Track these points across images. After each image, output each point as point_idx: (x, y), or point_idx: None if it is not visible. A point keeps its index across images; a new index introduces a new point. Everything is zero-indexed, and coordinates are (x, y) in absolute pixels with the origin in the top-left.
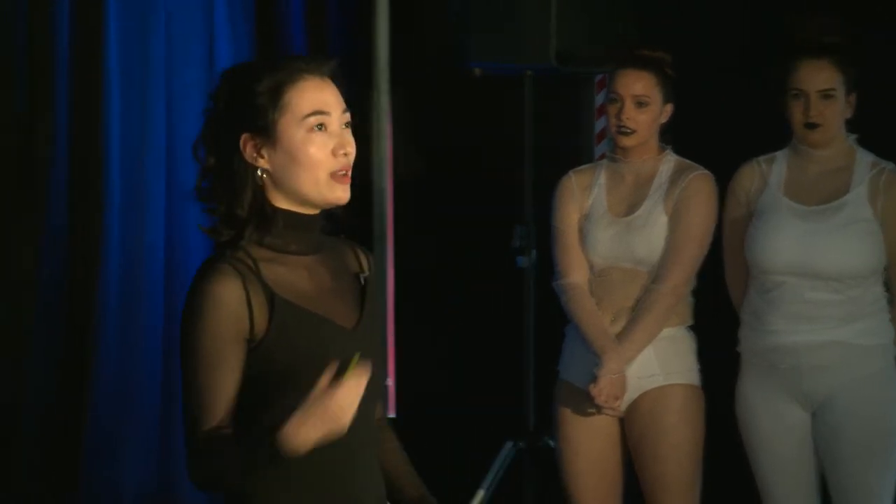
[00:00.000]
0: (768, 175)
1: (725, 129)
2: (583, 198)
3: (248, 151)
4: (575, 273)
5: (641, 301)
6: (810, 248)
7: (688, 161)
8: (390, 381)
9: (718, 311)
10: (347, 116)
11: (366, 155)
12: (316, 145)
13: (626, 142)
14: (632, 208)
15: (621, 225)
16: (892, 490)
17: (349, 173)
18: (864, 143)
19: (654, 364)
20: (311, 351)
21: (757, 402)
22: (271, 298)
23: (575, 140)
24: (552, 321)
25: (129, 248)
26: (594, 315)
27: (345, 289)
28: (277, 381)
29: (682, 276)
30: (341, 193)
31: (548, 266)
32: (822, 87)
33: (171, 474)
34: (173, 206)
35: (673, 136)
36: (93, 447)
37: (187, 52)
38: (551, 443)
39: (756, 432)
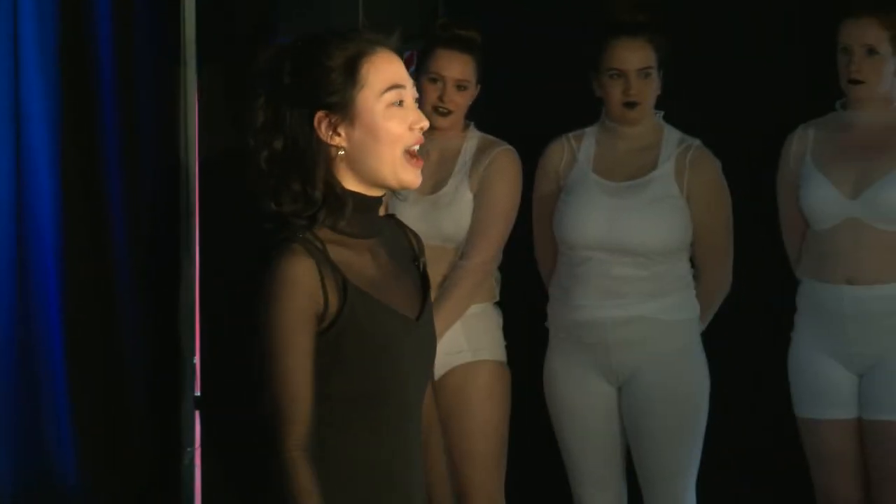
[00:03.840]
0: (577, 151)
1: (533, 106)
2: None
3: (324, 129)
4: None
5: (449, 278)
6: (617, 224)
7: (491, 137)
8: (197, 359)
9: (527, 287)
10: (416, 90)
11: (173, 130)
12: (396, 120)
13: (443, 122)
14: (437, 186)
15: (427, 202)
16: (696, 463)
17: (420, 157)
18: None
19: (462, 340)
20: (379, 341)
21: (564, 376)
22: (343, 283)
23: None
24: None
25: None
26: None
27: (405, 275)
28: (343, 371)
29: (488, 253)
30: (414, 177)
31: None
32: (640, 65)
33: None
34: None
35: (481, 112)
36: None
37: None
38: None
39: (563, 407)
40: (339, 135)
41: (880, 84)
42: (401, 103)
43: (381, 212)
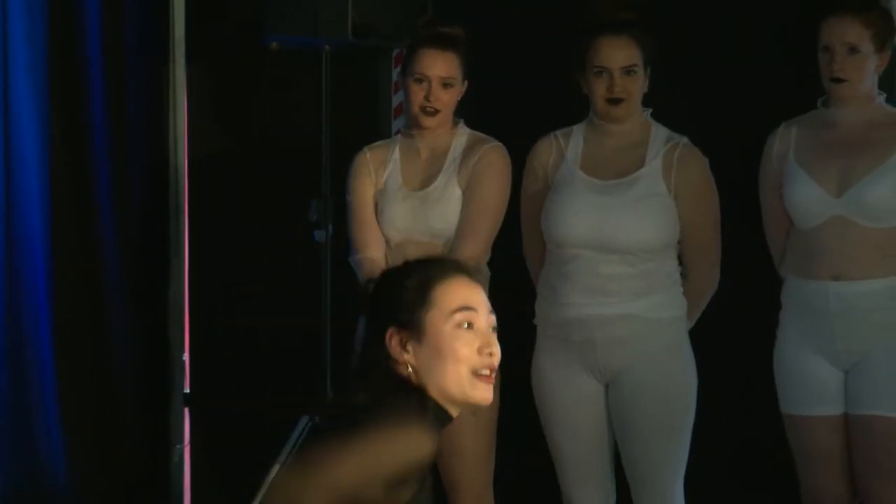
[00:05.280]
0: (565, 149)
1: (522, 104)
2: (378, 173)
3: (394, 345)
4: (371, 248)
5: None
6: (604, 223)
7: (481, 134)
8: (186, 356)
9: (516, 284)
10: (493, 319)
11: (162, 129)
12: (462, 341)
13: (431, 122)
14: (427, 182)
15: (417, 199)
16: (684, 461)
17: (493, 374)
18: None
19: None
20: None
21: (552, 374)
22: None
23: (373, 114)
24: (348, 296)
25: None
26: None
27: None
28: None
29: (476, 249)
30: (486, 393)
31: (344, 240)
32: (624, 63)
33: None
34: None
35: (471, 110)
36: None
37: None
38: None
39: (551, 404)
40: (407, 351)
41: (862, 82)
42: (469, 326)
43: None
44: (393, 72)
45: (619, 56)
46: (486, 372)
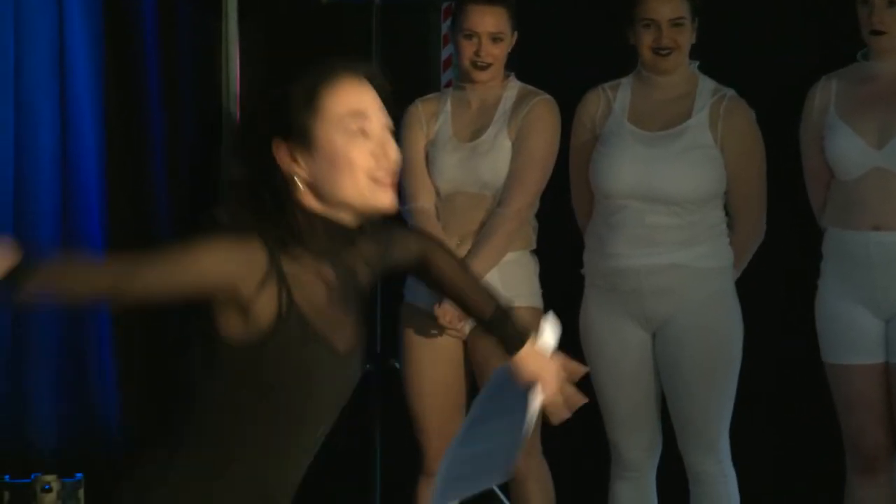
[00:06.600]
0: (613, 101)
1: (572, 57)
2: (429, 125)
3: (282, 158)
4: (422, 198)
5: (486, 225)
6: (651, 173)
7: (531, 87)
8: None
9: (565, 234)
10: (388, 121)
11: (216, 82)
12: (356, 149)
13: (483, 76)
14: (477, 133)
15: (466, 150)
16: (729, 409)
17: (391, 178)
18: (704, 69)
19: (499, 287)
20: (299, 372)
21: (600, 323)
22: (288, 303)
23: (422, 67)
24: None
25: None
26: None
27: (349, 305)
28: (255, 387)
29: (524, 200)
30: (386, 198)
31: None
32: (672, 15)
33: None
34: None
35: (520, 63)
36: None
37: None
38: (397, 365)
39: (599, 353)
40: (298, 164)
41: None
42: (362, 132)
43: None
44: (442, 25)
45: (666, 8)
46: (384, 175)
